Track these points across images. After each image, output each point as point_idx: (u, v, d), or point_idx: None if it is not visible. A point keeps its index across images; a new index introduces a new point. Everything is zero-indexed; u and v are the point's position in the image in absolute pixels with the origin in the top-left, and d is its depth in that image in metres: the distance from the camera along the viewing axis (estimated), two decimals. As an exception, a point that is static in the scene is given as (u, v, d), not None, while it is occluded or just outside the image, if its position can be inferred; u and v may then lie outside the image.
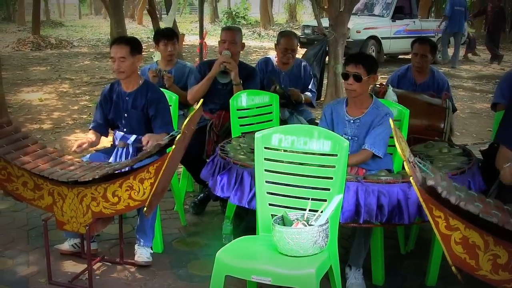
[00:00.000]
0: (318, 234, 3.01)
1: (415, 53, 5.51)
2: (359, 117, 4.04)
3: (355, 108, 4.08)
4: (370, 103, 4.06)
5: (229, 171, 3.80)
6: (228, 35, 5.24)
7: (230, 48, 5.17)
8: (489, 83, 13.44)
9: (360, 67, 3.92)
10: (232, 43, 5.20)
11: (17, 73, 13.75)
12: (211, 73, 5.10)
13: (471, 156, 4.11)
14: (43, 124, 8.60)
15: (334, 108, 4.17)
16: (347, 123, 4.07)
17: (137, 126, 4.37)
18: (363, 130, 4.03)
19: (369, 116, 4.02)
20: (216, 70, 5.06)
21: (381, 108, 4.04)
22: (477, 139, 8.08)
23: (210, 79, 5.12)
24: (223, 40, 5.24)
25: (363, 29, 15.34)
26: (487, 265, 2.66)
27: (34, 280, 3.92)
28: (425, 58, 5.45)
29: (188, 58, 16.05)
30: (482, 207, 2.63)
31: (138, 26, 33.03)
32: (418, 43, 5.54)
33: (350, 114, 4.08)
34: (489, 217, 2.53)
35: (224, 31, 5.34)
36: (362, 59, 3.99)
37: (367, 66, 3.94)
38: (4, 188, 3.85)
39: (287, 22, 36.53)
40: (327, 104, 4.35)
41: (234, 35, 5.24)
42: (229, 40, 5.20)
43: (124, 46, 4.23)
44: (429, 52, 5.46)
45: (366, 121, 4.02)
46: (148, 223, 4.12)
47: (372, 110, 4.03)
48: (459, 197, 2.60)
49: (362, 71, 3.92)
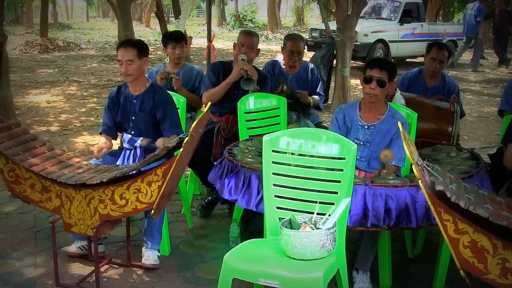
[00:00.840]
0: (326, 237, 3.00)
1: (432, 58, 5.45)
2: (374, 123, 4.02)
3: (370, 114, 4.05)
4: (385, 110, 4.04)
5: (237, 174, 3.80)
6: (248, 40, 5.20)
7: (248, 53, 5.14)
8: (497, 86, 13.41)
9: (385, 73, 3.89)
10: (250, 48, 5.17)
11: (25, 75, 13.80)
12: (230, 79, 5.05)
13: (479, 160, 4.10)
14: (50, 126, 8.62)
15: (346, 112, 4.14)
16: (360, 128, 4.05)
17: (145, 129, 4.37)
18: (377, 137, 4.01)
19: (385, 124, 3.99)
20: (236, 75, 5.02)
21: (397, 116, 4.01)
22: (485, 143, 8.06)
23: (229, 84, 5.08)
24: (241, 43, 5.19)
25: (370, 32, 15.32)
26: (495, 269, 2.65)
27: (42, 282, 3.93)
28: (442, 64, 5.44)
29: (196, 61, 16.08)
30: (492, 209, 2.62)
31: (145, 28, 33.12)
32: (436, 48, 5.47)
33: (364, 119, 4.06)
34: (499, 221, 2.52)
35: (244, 34, 5.30)
36: (387, 65, 3.97)
37: (390, 73, 3.93)
38: (12, 190, 3.85)
39: (295, 25, 36.60)
40: (338, 107, 4.33)
41: (252, 41, 5.21)
42: (247, 44, 5.17)
43: (131, 49, 4.23)
44: (446, 57, 5.45)
45: (382, 129, 4.00)
46: (156, 225, 4.13)
47: (388, 117, 4.00)
48: (468, 201, 2.59)
49: (386, 76, 3.89)
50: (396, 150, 3.87)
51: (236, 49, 5.25)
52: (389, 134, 3.97)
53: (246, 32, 5.49)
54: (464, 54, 18.50)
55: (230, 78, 5.06)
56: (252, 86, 5.03)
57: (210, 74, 5.24)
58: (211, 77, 5.20)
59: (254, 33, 5.48)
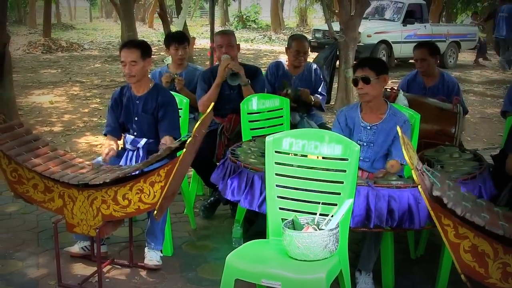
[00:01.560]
0: (329, 238, 3.00)
1: (415, 59, 5.63)
2: (376, 123, 4.02)
3: (371, 114, 4.06)
4: (386, 109, 4.05)
5: (240, 174, 3.80)
6: (225, 39, 5.23)
7: (229, 51, 5.15)
8: (500, 88, 13.39)
9: (366, 69, 3.92)
10: (229, 46, 5.19)
11: (28, 76, 13.82)
12: (218, 80, 5.06)
13: (482, 161, 4.09)
14: (53, 127, 8.63)
15: (348, 114, 4.15)
16: (362, 129, 4.05)
17: (148, 130, 4.37)
18: (380, 137, 4.01)
19: (387, 123, 4.00)
20: (222, 75, 5.03)
21: (398, 115, 4.02)
22: (488, 144, 8.05)
23: (218, 86, 5.08)
24: (220, 45, 5.21)
25: (373, 33, 15.32)
26: (496, 274, 2.65)
27: (44, 283, 3.93)
28: (425, 62, 5.50)
29: (199, 61, 16.08)
30: (489, 218, 2.62)
31: (148, 29, 33.14)
32: (415, 49, 5.65)
33: (366, 120, 4.06)
34: (495, 229, 2.52)
35: (219, 35, 5.33)
36: (367, 62, 4.01)
37: (373, 68, 3.94)
38: (14, 190, 3.86)
39: (298, 26, 36.59)
40: (339, 110, 4.33)
41: (229, 39, 5.24)
42: (226, 44, 5.19)
43: (135, 50, 4.22)
44: (428, 55, 5.49)
45: (384, 128, 4.00)
46: (158, 226, 4.12)
47: (389, 116, 4.01)
48: (465, 208, 2.59)
49: (369, 72, 3.91)
50: (398, 148, 3.86)
51: (216, 51, 5.27)
52: (392, 133, 3.96)
53: (221, 32, 5.59)
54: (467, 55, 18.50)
55: (217, 79, 5.08)
56: (239, 80, 5.03)
57: (201, 83, 5.24)
58: (203, 85, 5.21)
59: (229, 31, 5.57)
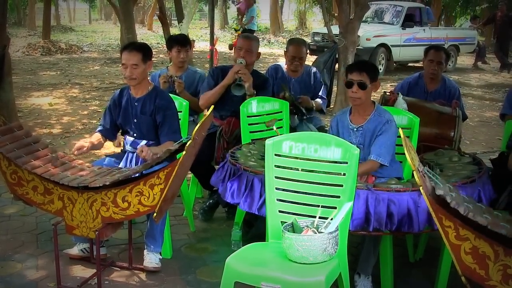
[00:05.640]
0: (328, 241, 3.00)
1: (430, 60, 5.46)
2: (361, 124, 4.05)
3: (358, 116, 4.08)
4: (372, 110, 4.06)
5: (239, 177, 3.80)
6: (245, 43, 5.19)
7: (246, 56, 5.13)
8: (499, 91, 13.41)
9: (364, 74, 3.93)
10: (248, 52, 5.17)
11: (27, 78, 13.80)
12: (225, 81, 5.07)
13: (481, 165, 4.09)
14: (52, 129, 8.62)
15: (339, 118, 4.19)
16: (351, 131, 4.08)
17: (147, 131, 4.37)
18: (367, 138, 4.03)
19: (372, 123, 4.02)
20: (230, 78, 5.03)
21: (383, 115, 4.03)
22: (487, 148, 8.05)
23: (223, 87, 5.09)
24: (240, 47, 5.19)
25: (373, 36, 15.31)
26: (497, 276, 2.65)
27: (43, 284, 3.93)
28: (440, 66, 5.44)
29: (198, 64, 16.08)
30: (490, 219, 2.63)
31: (148, 31, 33.14)
32: (434, 50, 5.51)
33: (354, 122, 4.09)
34: (497, 229, 2.53)
35: (242, 38, 5.30)
36: (366, 67, 4.01)
37: (370, 74, 3.95)
38: (14, 192, 3.86)
39: (297, 29, 36.56)
40: (334, 115, 4.35)
41: (250, 44, 5.20)
42: (245, 48, 5.17)
43: (137, 53, 4.21)
44: (444, 59, 5.46)
45: (369, 128, 4.02)
46: (158, 228, 4.13)
47: (374, 117, 4.03)
48: (468, 208, 2.59)
49: (366, 78, 3.92)
50: (377, 145, 3.92)
51: (235, 52, 5.27)
52: (375, 132, 3.99)
53: (245, 35, 5.52)
54: (465, 59, 18.52)
55: (224, 81, 5.08)
56: (241, 92, 5.02)
57: (209, 78, 5.26)
58: (210, 81, 5.22)
59: (253, 37, 5.49)
